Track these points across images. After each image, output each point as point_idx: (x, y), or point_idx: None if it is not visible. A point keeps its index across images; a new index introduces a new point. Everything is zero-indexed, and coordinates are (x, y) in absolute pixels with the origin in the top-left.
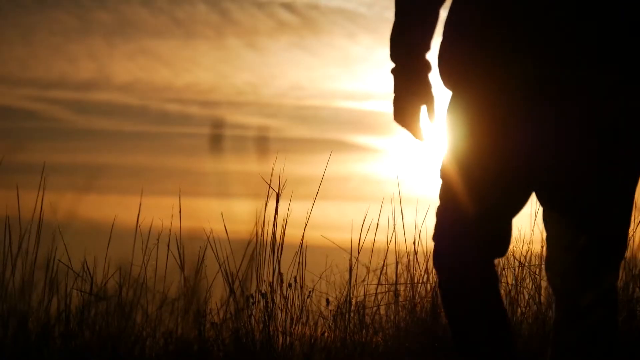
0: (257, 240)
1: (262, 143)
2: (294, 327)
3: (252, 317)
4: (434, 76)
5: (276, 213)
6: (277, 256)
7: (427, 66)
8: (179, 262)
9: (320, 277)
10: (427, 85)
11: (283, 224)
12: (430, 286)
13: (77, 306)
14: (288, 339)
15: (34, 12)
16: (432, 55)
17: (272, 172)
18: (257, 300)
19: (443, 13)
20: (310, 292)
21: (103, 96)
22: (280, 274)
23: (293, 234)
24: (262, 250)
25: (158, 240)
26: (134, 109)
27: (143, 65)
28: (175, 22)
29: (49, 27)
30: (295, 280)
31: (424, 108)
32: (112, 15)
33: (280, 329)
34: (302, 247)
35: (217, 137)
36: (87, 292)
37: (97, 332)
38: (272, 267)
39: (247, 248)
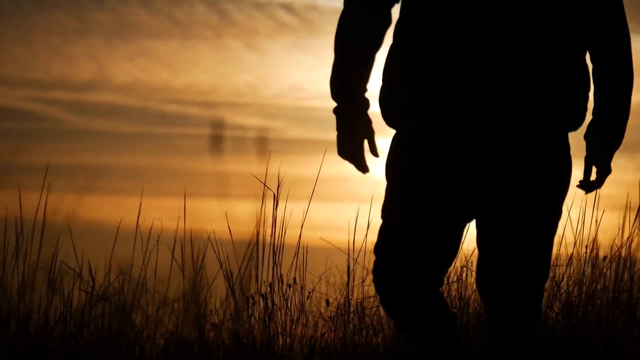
0: (257, 241)
1: (262, 144)
2: (294, 328)
3: (252, 317)
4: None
5: (274, 214)
6: (276, 257)
7: (366, 104)
8: (179, 263)
9: (320, 278)
10: (367, 121)
11: (282, 225)
12: None
13: (77, 307)
14: (288, 339)
15: (33, 13)
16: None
17: (267, 172)
18: (257, 301)
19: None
20: (310, 293)
21: (102, 97)
22: (280, 274)
23: (293, 235)
24: (261, 251)
25: (157, 241)
26: (133, 110)
27: (142, 66)
28: (174, 23)
29: (48, 28)
30: (295, 281)
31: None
32: (111, 16)
33: (280, 330)
34: (298, 248)
35: (217, 138)
36: (89, 292)
37: (97, 334)
38: (271, 268)
39: (247, 249)
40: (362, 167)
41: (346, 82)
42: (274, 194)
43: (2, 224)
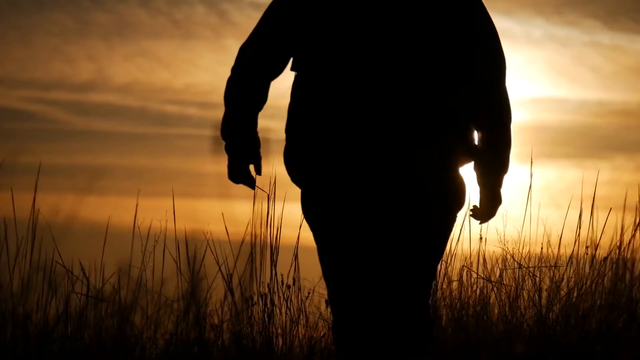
0: (253, 242)
1: (262, 145)
2: (294, 328)
3: (252, 318)
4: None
5: (268, 213)
6: (273, 257)
7: (255, 141)
8: (178, 264)
9: (320, 279)
10: (256, 153)
11: (280, 225)
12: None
13: (77, 308)
14: (288, 340)
15: (32, 13)
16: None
17: (271, 173)
18: (256, 301)
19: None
20: (309, 293)
21: (102, 97)
22: (280, 275)
23: (292, 236)
24: (260, 251)
25: (156, 241)
26: (133, 110)
27: (142, 67)
28: (173, 24)
29: (48, 28)
30: (295, 282)
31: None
32: (111, 17)
33: (280, 331)
34: (297, 248)
35: (217, 139)
36: (85, 295)
37: (97, 334)
38: (270, 269)
39: (244, 250)
40: (252, 185)
41: (233, 122)
42: (268, 195)
43: (3, 224)
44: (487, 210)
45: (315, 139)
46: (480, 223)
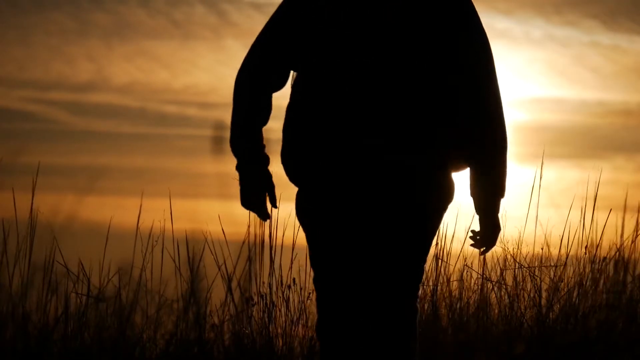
0: (252, 242)
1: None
2: (294, 328)
3: (252, 318)
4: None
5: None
6: (273, 257)
7: (266, 160)
8: (177, 265)
9: None
10: (268, 176)
11: (282, 226)
12: (430, 288)
13: (77, 308)
14: (288, 340)
15: (32, 13)
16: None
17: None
18: (256, 301)
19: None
20: (310, 293)
21: (101, 98)
22: (280, 275)
23: (293, 236)
24: (259, 251)
25: (156, 242)
26: (132, 111)
27: (141, 67)
28: (173, 24)
29: (47, 28)
30: (295, 282)
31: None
32: (110, 17)
33: (280, 331)
34: (293, 248)
35: (217, 139)
36: (85, 295)
37: (98, 334)
38: (270, 269)
39: (244, 250)
40: (263, 216)
41: (245, 140)
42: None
43: (2, 224)
44: (488, 240)
45: (313, 139)
46: (481, 253)
